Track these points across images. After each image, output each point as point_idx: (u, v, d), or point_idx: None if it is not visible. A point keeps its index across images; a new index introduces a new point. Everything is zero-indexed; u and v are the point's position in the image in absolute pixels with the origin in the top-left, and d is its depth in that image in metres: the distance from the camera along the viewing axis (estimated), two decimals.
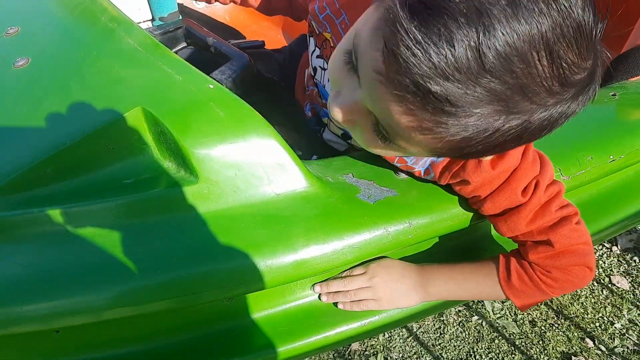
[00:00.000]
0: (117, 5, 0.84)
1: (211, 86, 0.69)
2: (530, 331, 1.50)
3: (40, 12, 0.87)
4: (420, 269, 0.81)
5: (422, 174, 0.74)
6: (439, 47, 0.41)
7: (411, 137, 0.50)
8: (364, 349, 1.45)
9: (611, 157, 0.85)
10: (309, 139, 1.01)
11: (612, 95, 1.00)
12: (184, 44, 0.87)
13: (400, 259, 0.83)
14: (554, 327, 1.51)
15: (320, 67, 0.89)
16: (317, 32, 0.88)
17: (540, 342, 1.47)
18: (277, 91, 1.06)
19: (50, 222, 0.62)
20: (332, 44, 0.85)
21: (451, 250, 0.88)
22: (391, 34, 0.43)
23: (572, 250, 0.71)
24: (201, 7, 1.51)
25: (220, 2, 1.03)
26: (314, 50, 0.91)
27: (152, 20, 0.98)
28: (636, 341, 1.47)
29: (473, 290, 0.80)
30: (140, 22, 1.41)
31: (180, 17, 0.97)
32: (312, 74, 0.92)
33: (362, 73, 0.51)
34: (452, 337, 1.49)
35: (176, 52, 0.83)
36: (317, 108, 0.96)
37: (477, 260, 0.81)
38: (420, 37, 0.41)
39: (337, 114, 0.57)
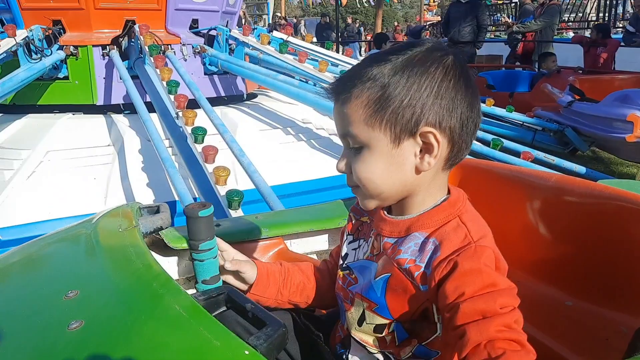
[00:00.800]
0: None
1: (247, 352, 0.72)
2: None
3: (99, 275, 0.97)
4: None
5: (426, 276, 0.82)
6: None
7: (354, 116, 0.83)
8: None
9: None
10: None
11: None
12: (224, 308, 0.94)
13: None
14: None
15: (353, 249, 1.00)
16: (354, 220, 1.04)
17: None
18: (312, 341, 1.09)
19: None
20: (368, 221, 0.99)
21: None
22: None
23: None
24: None
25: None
26: (345, 239, 1.04)
27: (195, 282, 1.07)
28: None
29: None
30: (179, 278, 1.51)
31: (221, 281, 1.06)
32: (342, 261, 1.02)
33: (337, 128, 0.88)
34: None
35: (216, 315, 0.89)
36: (341, 334, 1.01)
37: None
38: None
39: (339, 165, 0.88)
